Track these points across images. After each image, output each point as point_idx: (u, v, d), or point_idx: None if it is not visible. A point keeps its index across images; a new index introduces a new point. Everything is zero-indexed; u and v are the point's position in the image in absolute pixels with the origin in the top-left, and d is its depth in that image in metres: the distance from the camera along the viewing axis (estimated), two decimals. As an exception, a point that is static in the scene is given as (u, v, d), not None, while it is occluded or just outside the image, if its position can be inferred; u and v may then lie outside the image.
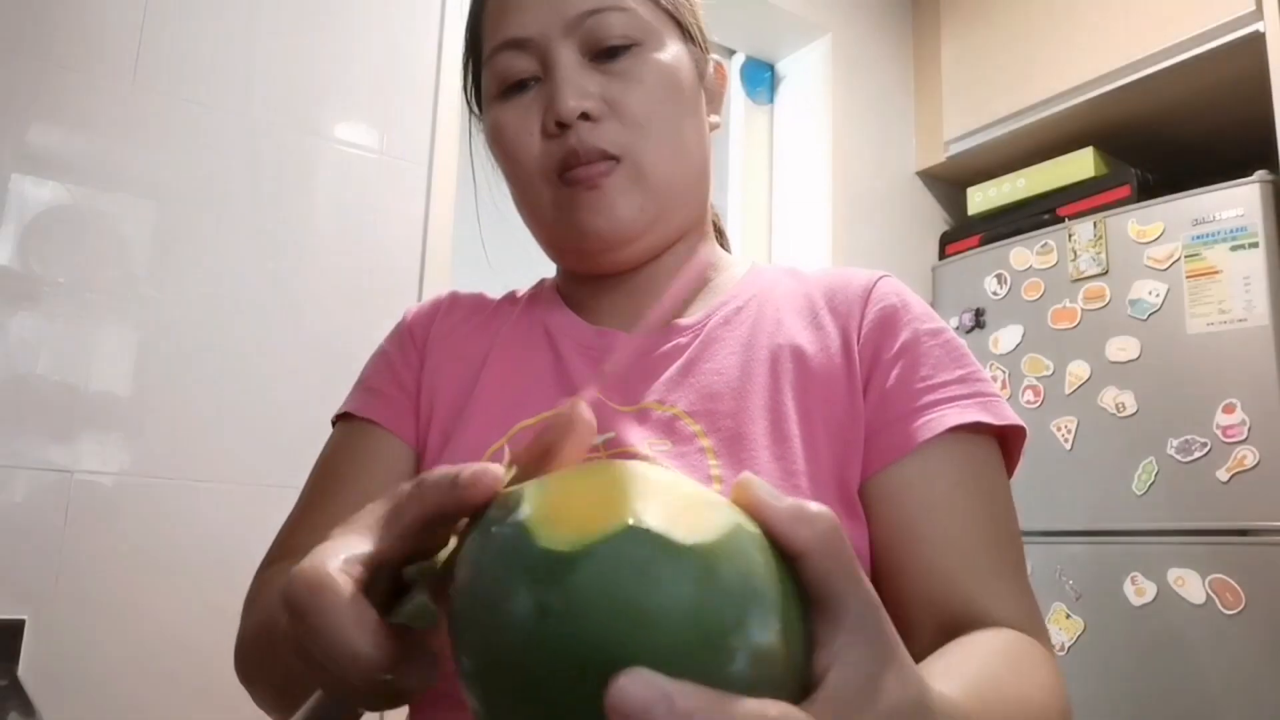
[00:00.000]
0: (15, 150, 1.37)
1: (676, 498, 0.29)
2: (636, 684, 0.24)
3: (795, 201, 2.40)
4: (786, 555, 0.29)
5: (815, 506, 0.30)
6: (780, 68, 2.52)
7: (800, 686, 0.28)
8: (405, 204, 1.70)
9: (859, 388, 0.60)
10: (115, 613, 1.33)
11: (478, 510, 0.32)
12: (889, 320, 0.62)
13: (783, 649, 0.27)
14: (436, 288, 1.68)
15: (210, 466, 1.44)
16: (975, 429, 0.58)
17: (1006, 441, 0.60)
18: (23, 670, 1.24)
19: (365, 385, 0.70)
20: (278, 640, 0.48)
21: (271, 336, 1.53)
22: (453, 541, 0.35)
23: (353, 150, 1.66)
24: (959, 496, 0.57)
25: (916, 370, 0.59)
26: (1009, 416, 0.59)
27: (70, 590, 1.31)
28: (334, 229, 1.62)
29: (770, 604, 0.27)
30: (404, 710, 0.68)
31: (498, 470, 0.32)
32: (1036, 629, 0.54)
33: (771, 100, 2.52)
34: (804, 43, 2.43)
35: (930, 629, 0.53)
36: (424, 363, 0.69)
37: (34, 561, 1.30)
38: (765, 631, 0.27)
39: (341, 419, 0.69)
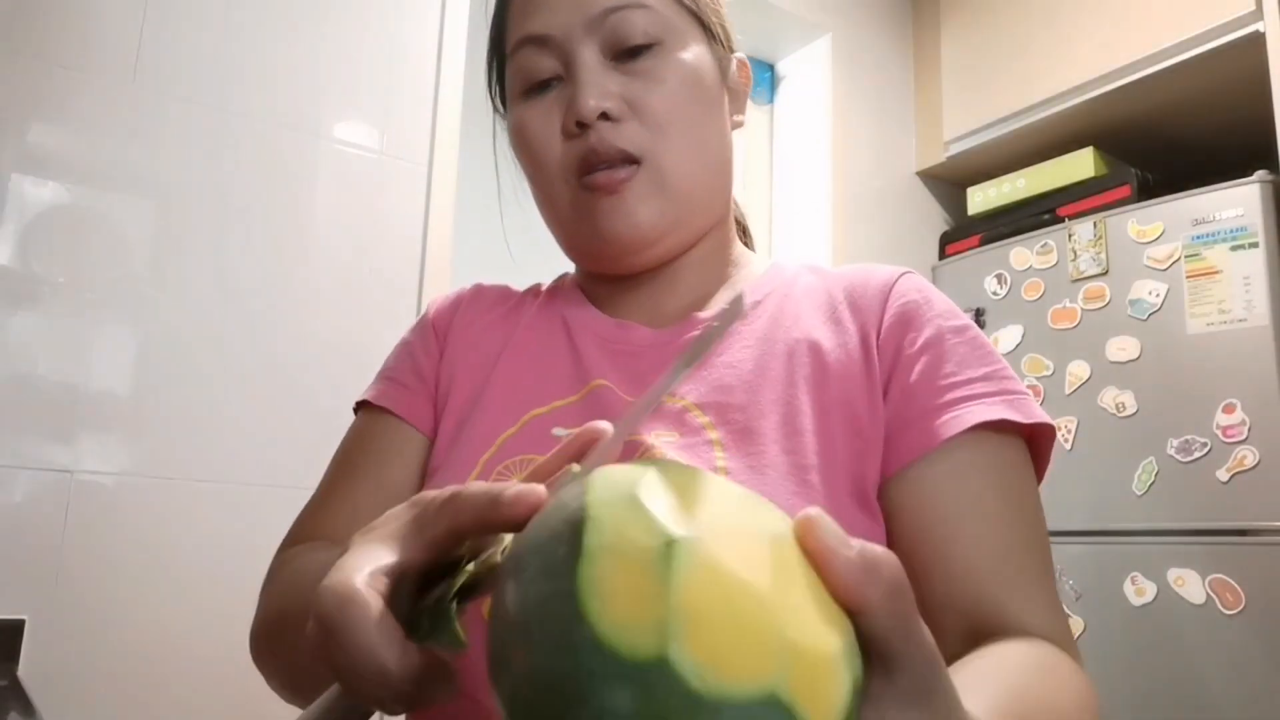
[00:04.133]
0: (15, 150, 1.37)
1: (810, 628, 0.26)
2: None
3: (795, 201, 2.40)
4: (847, 607, 0.28)
5: (881, 554, 0.28)
6: (780, 68, 2.52)
7: None
8: (405, 203, 1.70)
9: (878, 386, 0.59)
10: (115, 613, 1.33)
11: (517, 526, 0.32)
12: (910, 317, 0.61)
13: None
14: (436, 287, 1.68)
15: (210, 466, 1.44)
16: (1003, 427, 0.56)
17: (1035, 442, 0.59)
18: (23, 670, 1.24)
19: (385, 375, 0.70)
20: (290, 627, 0.49)
21: (271, 336, 1.53)
22: (485, 554, 0.34)
23: (353, 150, 1.66)
24: (988, 498, 0.55)
25: (940, 367, 0.58)
26: (1036, 414, 0.57)
27: (70, 590, 1.31)
28: (334, 229, 1.62)
29: None
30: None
31: (541, 492, 0.32)
32: (1066, 640, 0.53)
33: (771, 100, 2.52)
34: (804, 43, 2.43)
35: (958, 635, 0.52)
36: (444, 353, 0.69)
37: (34, 561, 1.30)
38: None
39: (362, 407, 0.70)
